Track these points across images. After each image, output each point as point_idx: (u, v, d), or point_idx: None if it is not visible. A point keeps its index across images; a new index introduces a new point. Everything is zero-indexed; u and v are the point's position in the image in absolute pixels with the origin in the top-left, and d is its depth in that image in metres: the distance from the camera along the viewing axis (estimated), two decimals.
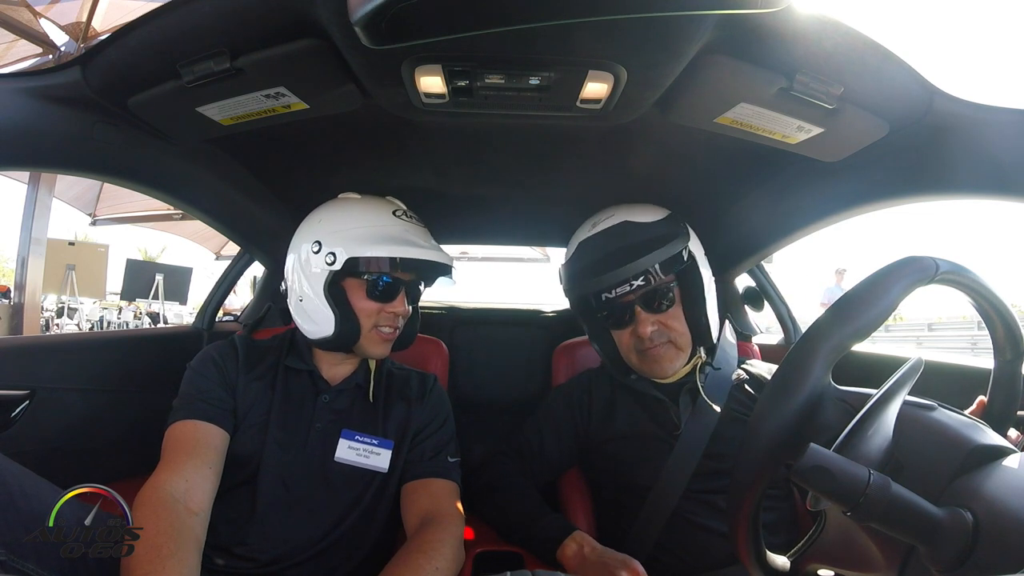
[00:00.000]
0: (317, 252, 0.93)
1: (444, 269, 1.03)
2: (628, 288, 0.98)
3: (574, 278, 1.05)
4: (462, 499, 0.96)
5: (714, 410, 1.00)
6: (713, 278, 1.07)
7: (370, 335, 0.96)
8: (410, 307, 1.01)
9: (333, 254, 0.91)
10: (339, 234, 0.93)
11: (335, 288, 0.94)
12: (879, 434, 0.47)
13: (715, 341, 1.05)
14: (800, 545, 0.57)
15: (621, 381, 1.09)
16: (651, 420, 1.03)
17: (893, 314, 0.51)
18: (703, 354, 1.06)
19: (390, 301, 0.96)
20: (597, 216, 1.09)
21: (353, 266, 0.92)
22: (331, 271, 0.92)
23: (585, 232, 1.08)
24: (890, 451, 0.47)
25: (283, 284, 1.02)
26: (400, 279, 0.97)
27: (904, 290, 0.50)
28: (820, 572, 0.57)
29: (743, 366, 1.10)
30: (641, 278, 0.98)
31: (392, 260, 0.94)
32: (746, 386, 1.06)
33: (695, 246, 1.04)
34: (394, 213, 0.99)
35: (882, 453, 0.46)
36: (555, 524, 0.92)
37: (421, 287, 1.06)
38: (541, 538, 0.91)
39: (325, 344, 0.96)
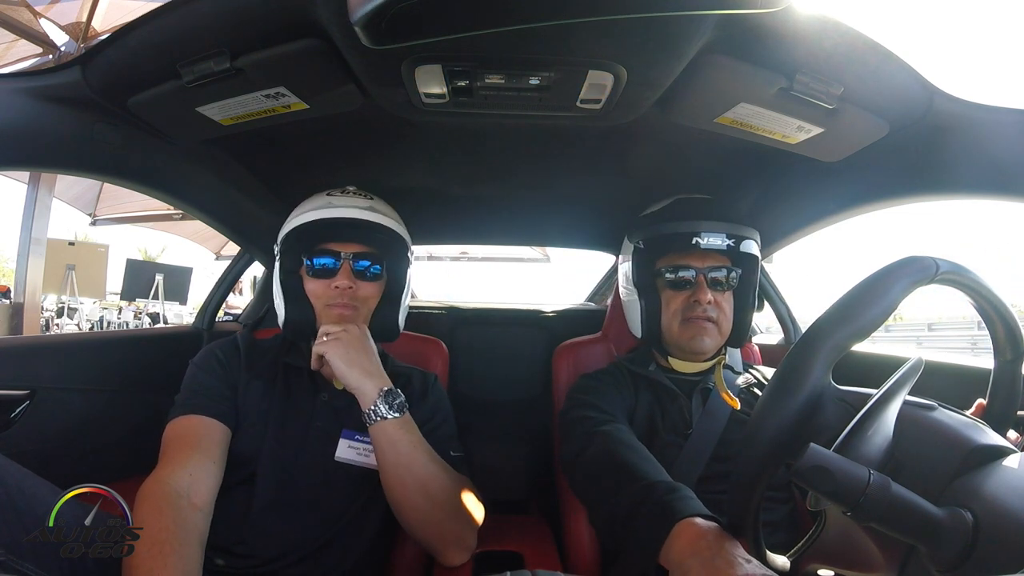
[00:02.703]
0: (276, 251, 1.02)
1: (396, 239, 1.00)
2: (719, 242, 1.00)
3: (666, 220, 1.07)
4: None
5: (724, 411, 1.00)
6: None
7: (324, 316, 0.96)
8: (369, 283, 0.98)
9: (277, 245, 1.00)
10: (284, 228, 1.01)
11: (291, 278, 0.98)
12: (879, 434, 0.47)
13: (743, 344, 1.08)
14: (800, 545, 0.57)
15: (639, 372, 1.09)
16: (664, 418, 1.03)
17: (893, 314, 0.51)
18: (726, 356, 1.07)
19: (331, 277, 0.96)
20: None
21: (294, 251, 0.97)
22: (278, 262, 0.99)
23: (680, 196, 1.11)
24: (890, 451, 0.47)
25: None
26: (337, 251, 0.96)
27: (904, 290, 0.50)
28: (820, 572, 0.57)
29: (750, 370, 1.11)
30: (732, 240, 1.00)
31: (320, 235, 0.96)
32: (754, 389, 1.06)
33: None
34: (327, 193, 1.01)
35: (882, 453, 0.46)
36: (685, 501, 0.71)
37: (382, 267, 1.00)
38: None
39: (286, 331, 1.00)
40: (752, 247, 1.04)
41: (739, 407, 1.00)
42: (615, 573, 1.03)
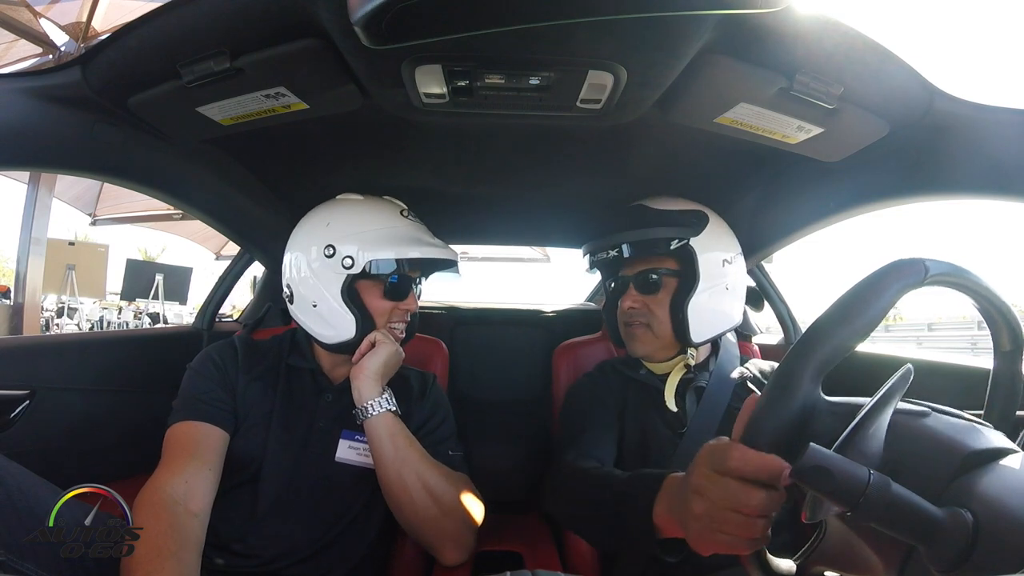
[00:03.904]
0: (331, 256, 0.92)
1: (445, 264, 1.06)
2: (605, 256, 1.05)
3: (590, 239, 1.12)
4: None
5: (719, 408, 1.00)
6: (740, 282, 1.09)
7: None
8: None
9: (351, 258, 0.91)
10: (353, 237, 0.93)
11: (351, 291, 0.94)
12: (870, 447, 0.46)
13: (695, 343, 1.04)
14: (806, 548, 0.57)
15: (629, 375, 1.10)
16: (657, 418, 1.04)
17: (893, 314, 0.51)
18: (691, 356, 1.06)
19: (403, 299, 0.98)
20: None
21: (369, 268, 0.93)
22: (349, 274, 0.92)
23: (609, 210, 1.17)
24: (882, 461, 0.46)
25: (285, 289, 1.01)
26: (410, 277, 1.00)
27: (894, 297, 0.50)
28: (826, 574, 0.57)
29: (745, 365, 1.11)
30: (615, 250, 1.04)
31: (408, 260, 0.96)
32: (749, 383, 1.06)
33: (707, 245, 1.03)
34: (401, 213, 1.01)
35: (876, 463, 0.46)
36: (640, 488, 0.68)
37: (422, 283, 1.07)
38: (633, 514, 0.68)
39: (343, 348, 0.95)
40: (661, 235, 1.01)
41: (675, 410, 1.00)
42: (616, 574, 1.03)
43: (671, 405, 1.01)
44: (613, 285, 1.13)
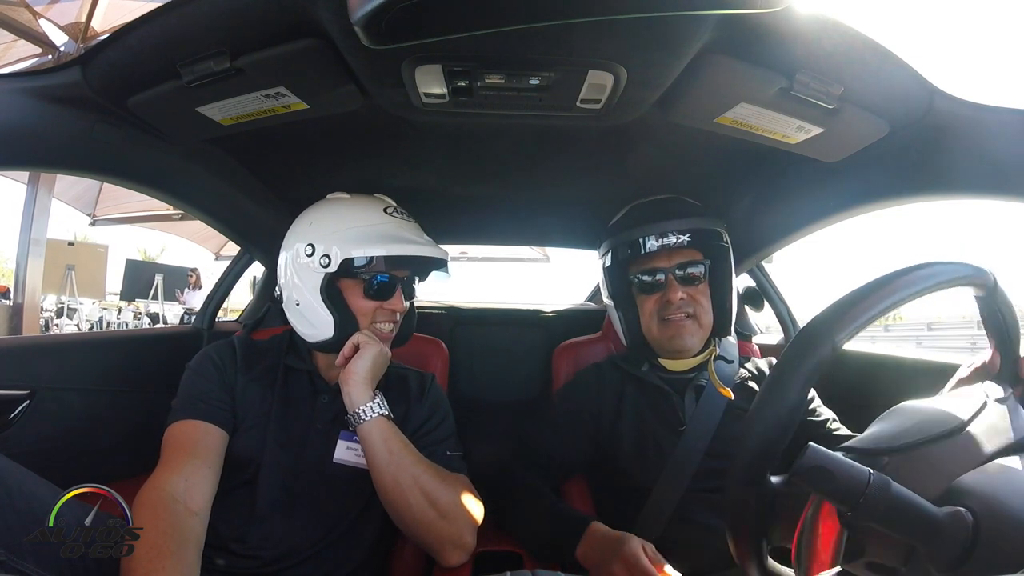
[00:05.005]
0: (311, 255, 0.92)
1: (438, 263, 1.03)
2: (675, 240, 1.01)
3: (621, 229, 1.09)
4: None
5: (718, 406, 1.01)
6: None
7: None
8: (407, 303, 1.01)
9: (328, 256, 0.91)
10: (332, 235, 0.93)
11: (331, 290, 0.93)
12: None
13: (731, 333, 1.09)
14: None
15: (630, 372, 1.10)
16: (656, 416, 1.04)
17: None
18: (717, 347, 1.08)
19: (387, 299, 0.96)
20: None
21: (348, 267, 0.92)
22: (326, 273, 0.92)
23: (637, 202, 1.15)
24: None
25: (277, 288, 1.01)
26: (396, 276, 0.97)
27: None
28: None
29: (744, 365, 1.11)
30: (688, 235, 1.02)
31: (388, 258, 0.94)
32: (748, 383, 1.07)
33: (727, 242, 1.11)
34: (385, 210, 0.99)
35: None
36: (567, 526, 0.90)
37: (416, 283, 1.05)
38: (559, 545, 0.89)
39: (324, 347, 0.95)
40: (715, 236, 1.06)
41: (733, 397, 1.00)
42: None
43: (724, 391, 1.01)
44: (642, 280, 1.07)
